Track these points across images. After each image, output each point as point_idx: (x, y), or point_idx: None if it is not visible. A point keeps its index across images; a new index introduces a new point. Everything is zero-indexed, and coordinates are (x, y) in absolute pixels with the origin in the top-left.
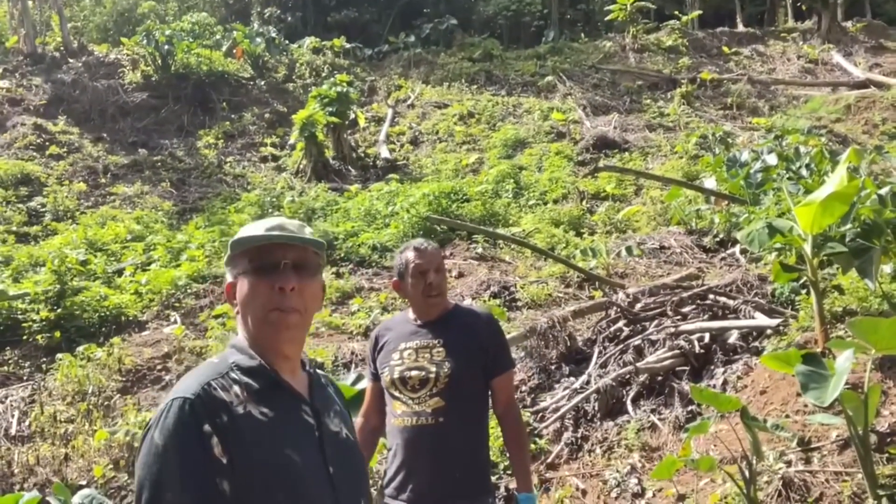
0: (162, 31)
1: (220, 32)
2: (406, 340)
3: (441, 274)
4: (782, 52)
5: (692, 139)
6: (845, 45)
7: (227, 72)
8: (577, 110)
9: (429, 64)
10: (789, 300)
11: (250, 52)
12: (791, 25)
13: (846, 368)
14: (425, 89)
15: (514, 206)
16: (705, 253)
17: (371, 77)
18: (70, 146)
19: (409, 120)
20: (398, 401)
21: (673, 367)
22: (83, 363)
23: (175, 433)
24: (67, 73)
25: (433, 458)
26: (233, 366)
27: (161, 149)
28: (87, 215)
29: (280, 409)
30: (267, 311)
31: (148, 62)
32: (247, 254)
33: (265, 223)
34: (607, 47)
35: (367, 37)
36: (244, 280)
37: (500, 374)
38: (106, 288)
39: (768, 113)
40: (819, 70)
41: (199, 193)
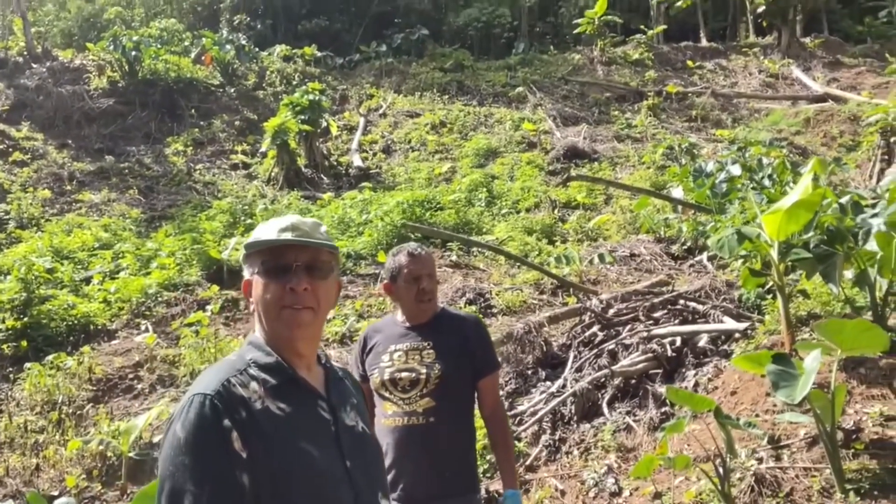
0: (129, 37)
1: (188, 39)
2: (396, 343)
3: (433, 280)
4: (744, 67)
5: (659, 150)
6: (804, 60)
7: (195, 79)
8: (547, 121)
9: (400, 73)
10: (756, 305)
11: (220, 59)
12: (752, 41)
13: (814, 367)
14: (397, 98)
15: (487, 215)
16: (674, 260)
17: (342, 86)
18: (34, 152)
19: (381, 129)
20: (388, 401)
21: (646, 370)
22: (52, 372)
23: (196, 428)
24: (31, 79)
25: (424, 457)
26: (250, 362)
27: (128, 156)
28: (52, 223)
29: (297, 404)
30: (280, 308)
31: (114, 68)
32: (260, 254)
33: (279, 223)
34: (576, 59)
35: (339, 46)
36: (258, 279)
37: (487, 374)
38: (74, 296)
39: (731, 125)
40: (779, 84)
41: (168, 201)
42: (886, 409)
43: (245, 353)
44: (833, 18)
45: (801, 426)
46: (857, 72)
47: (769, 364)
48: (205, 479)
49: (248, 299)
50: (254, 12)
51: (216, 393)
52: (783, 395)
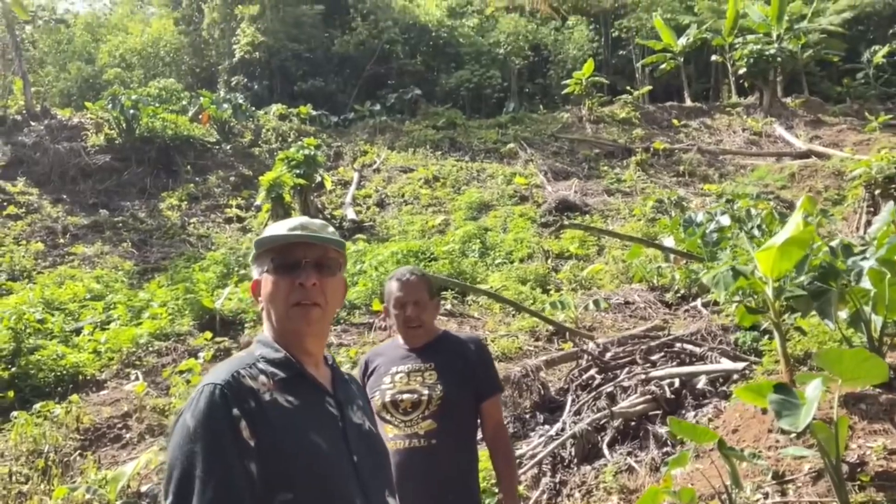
0: (128, 96)
1: (186, 98)
2: (397, 365)
3: (420, 306)
4: (728, 125)
5: (649, 203)
6: (786, 118)
7: (192, 136)
8: (538, 175)
9: (394, 131)
10: (752, 348)
11: (217, 117)
12: (735, 101)
13: (816, 395)
14: (391, 155)
15: (481, 265)
16: (668, 308)
17: (337, 143)
18: (28, 207)
19: (375, 183)
20: (389, 424)
21: (645, 411)
22: (39, 421)
23: (206, 416)
24: (28, 136)
25: (426, 480)
26: (259, 357)
27: (123, 210)
28: (44, 275)
29: (305, 398)
30: (289, 305)
31: (112, 126)
32: (270, 252)
33: (288, 223)
34: (565, 118)
35: (333, 105)
36: (268, 277)
37: (489, 396)
38: (63, 347)
39: (718, 180)
40: (763, 141)
41: (162, 253)
42: (890, 443)
43: (254, 349)
44: (812, 80)
45: (805, 461)
46: (838, 129)
47: (771, 394)
48: (214, 466)
49: (256, 299)
50: (251, 73)
51: (226, 383)
52: (786, 424)
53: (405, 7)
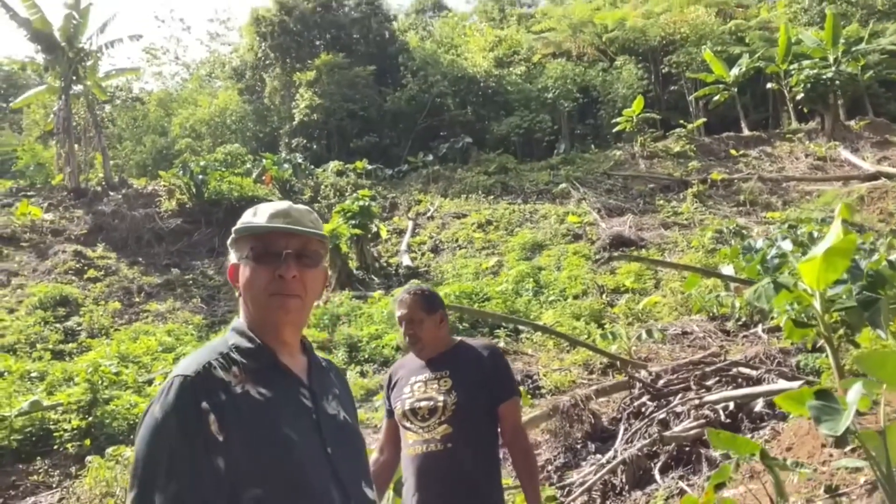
0: (197, 162)
1: (250, 161)
2: (416, 375)
3: (415, 323)
4: (790, 152)
5: (707, 233)
6: (850, 142)
7: (256, 196)
8: (591, 213)
9: (447, 179)
10: (814, 369)
11: (278, 177)
12: (795, 127)
13: (856, 399)
14: (444, 202)
15: (535, 303)
16: (728, 336)
17: (392, 194)
18: (107, 269)
19: (429, 231)
20: (410, 431)
21: (699, 436)
22: (111, 465)
23: (173, 409)
24: (107, 205)
25: (444, 482)
26: (232, 347)
27: (193, 269)
28: (120, 331)
29: (277, 389)
30: (267, 294)
31: (183, 191)
32: (249, 240)
33: (271, 208)
34: (617, 156)
35: (388, 159)
36: (247, 265)
37: (505, 400)
38: (136, 396)
39: (782, 207)
40: (828, 166)
41: (229, 307)
42: None
43: (228, 338)
44: (877, 101)
45: (860, 473)
46: None
47: (810, 401)
48: (178, 460)
49: (234, 284)
50: (310, 134)
51: (196, 374)
52: (826, 429)
53: (453, 61)
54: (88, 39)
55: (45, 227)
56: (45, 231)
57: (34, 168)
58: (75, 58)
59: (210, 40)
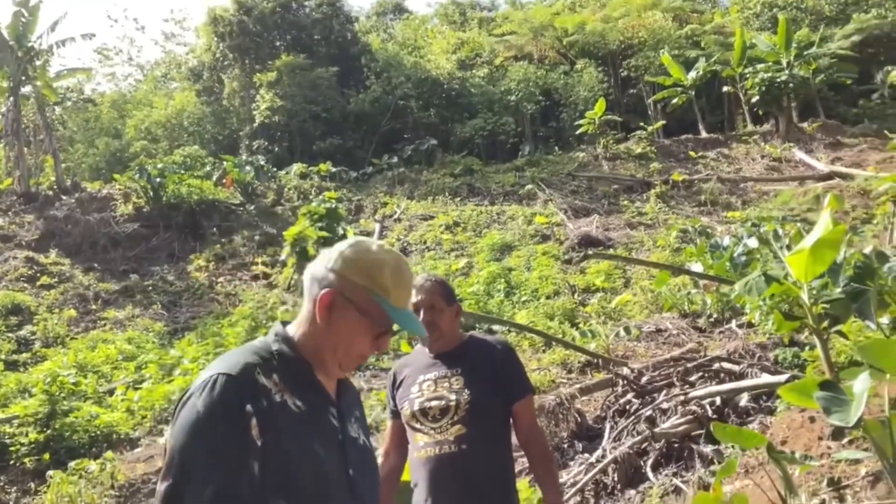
0: (154, 165)
1: (210, 164)
2: (424, 373)
3: (435, 311)
4: (746, 153)
5: (672, 232)
6: (804, 143)
7: (217, 199)
8: (558, 214)
9: (412, 181)
10: (793, 363)
11: (240, 180)
12: (751, 129)
13: (865, 389)
14: (410, 204)
15: (507, 304)
16: (702, 332)
17: (357, 197)
18: (61, 276)
19: (396, 233)
20: (419, 432)
21: (688, 432)
22: (75, 479)
23: (219, 407)
24: (60, 210)
25: (458, 485)
26: (276, 353)
27: (152, 274)
28: (77, 340)
29: (312, 405)
30: (356, 355)
31: (140, 195)
32: (378, 309)
33: (406, 276)
34: (581, 157)
35: (352, 161)
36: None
37: (519, 398)
38: (97, 407)
39: (742, 207)
40: (784, 166)
41: (191, 313)
42: None
43: (271, 343)
44: (827, 104)
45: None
46: (858, 150)
47: (817, 391)
48: (220, 460)
49: (322, 311)
50: (271, 137)
51: (241, 376)
52: (837, 420)
53: (417, 63)
54: (38, 38)
55: None
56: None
57: None
58: (24, 57)
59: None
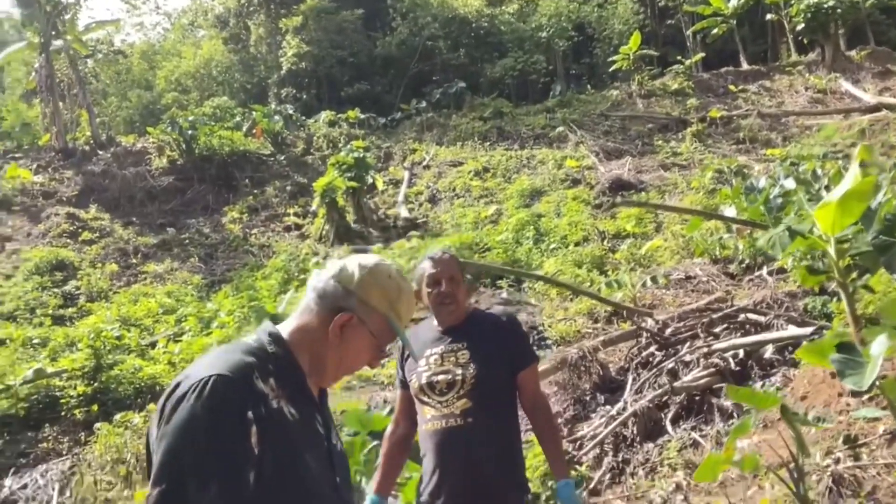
0: (185, 118)
1: (239, 114)
2: (431, 347)
3: (454, 282)
4: (789, 86)
5: (708, 174)
6: (851, 73)
7: (248, 150)
8: (590, 157)
9: (441, 126)
10: (822, 313)
11: (269, 130)
12: (795, 59)
13: (881, 352)
14: (439, 150)
15: (536, 252)
16: (732, 279)
17: (386, 144)
18: (101, 231)
19: (425, 180)
20: (427, 406)
21: (710, 385)
22: (120, 431)
23: (221, 411)
24: (97, 165)
25: (465, 458)
26: (271, 356)
27: (188, 227)
28: (119, 294)
29: (303, 413)
30: (353, 369)
31: (173, 148)
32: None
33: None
34: (614, 96)
35: (380, 107)
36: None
37: (524, 367)
38: (140, 360)
39: (782, 144)
40: (828, 99)
41: (227, 265)
42: None
43: (265, 343)
44: (878, 30)
45: (878, 423)
46: None
47: (833, 353)
48: (220, 467)
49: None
50: (299, 84)
51: (240, 380)
52: (850, 383)
53: (443, 1)
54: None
55: (35, 189)
56: (35, 194)
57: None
58: (53, 11)
59: None
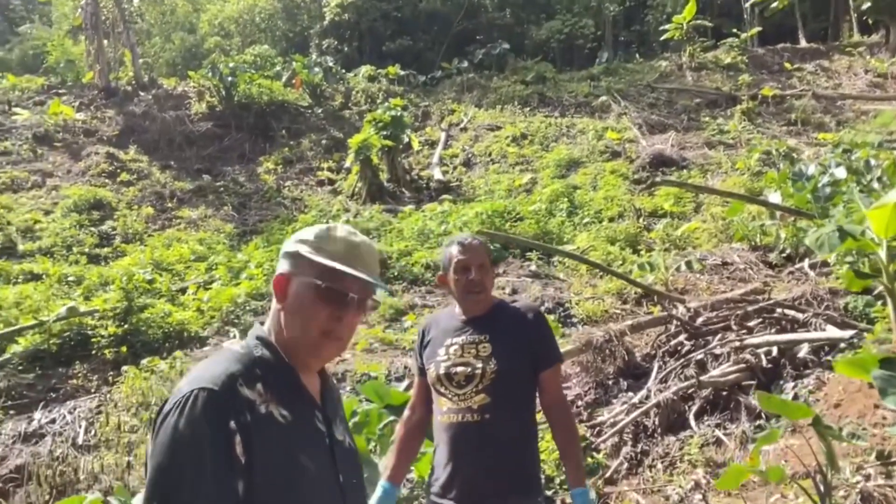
0: (226, 64)
1: (280, 64)
2: (452, 336)
3: (484, 270)
4: (848, 67)
5: (754, 155)
6: None
7: (286, 101)
8: (632, 129)
9: (482, 88)
10: (864, 314)
11: (308, 81)
12: (857, 40)
13: None
14: (478, 113)
15: (569, 225)
16: (771, 269)
17: (424, 102)
18: (139, 173)
19: (461, 143)
20: (444, 397)
21: (738, 381)
22: (147, 375)
23: (201, 425)
24: (138, 106)
25: (479, 455)
26: (258, 360)
27: (224, 175)
28: (154, 237)
29: (297, 412)
30: (318, 333)
31: (213, 93)
32: (318, 268)
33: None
34: (663, 67)
35: (421, 64)
36: (307, 291)
37: (547, 367)
38: (170, 305)
39: (836, 128)
40: (889, 84)
41: (259, 216)
42: None
43: (252, 347)
44: None
45: None
46: None
47: (875, 369)
48: (204, 481)
49: (277, 294)
50: (341, 36)
51: (223, 391)
52: (892, 403)
53: None
54: None
55: (77, 127)
56: (77, 131)
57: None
58: None
59: None
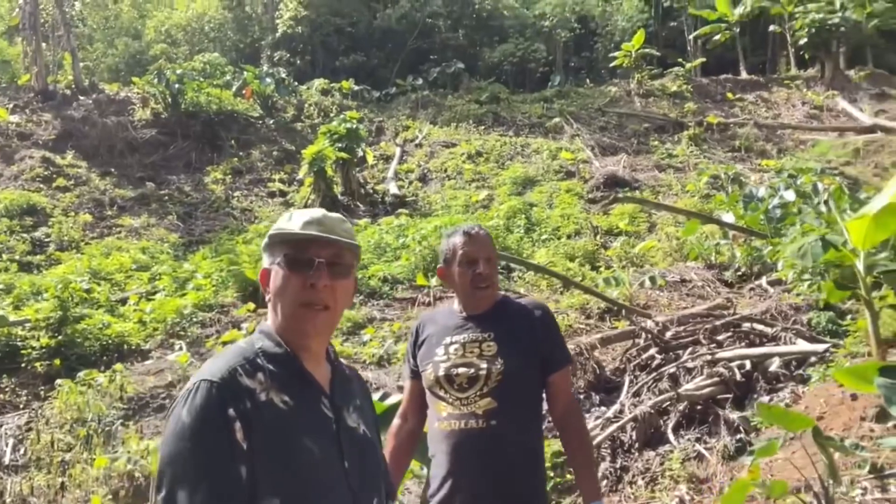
0: (173, 70)
1: (230, 73)
2: (452, 334)
3: (492, 263)
4: (786, 99)
5: (703, 178)
6: (849, 92)
7: (236, 111)
8: (585, 150)
9: (436, 106)
10: (827, 329)
11: (260, 92)
12: (794, 73)
13: None
14: (433, 129)
15: (527, 241)
16: (728, 286)
17: (379, 118)
18: (77, 179)
19: (417, 158)
20: (443, 402)
21: (713, 394)
22: (83, 389)
23: (201, 415)
24: (77, 110)
25: (484, 466)
26: (259, 351)
27: (168, 183)
28: (91, 245)
29: (300, 398)
30: (297, 305)
31: (158, 100)
32: (283, 246)
33: (305, 215)
34: (613, 92)
35: (376, 80)
36: (279, 270)
37: (557, 369)
38: (109, 316)
39: (777, 155)
40: (824, 115)
41: (206, 226)
42: None
43: (255, 341)
44: (877, 52)
45: None
46: None
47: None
48: (206, 468)
49: (265, 288)
50: (293, 49)
51: (222, 381)
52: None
53: None
54: None
55: (10, 129)
56: (10, 134)
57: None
58: None
59: None
